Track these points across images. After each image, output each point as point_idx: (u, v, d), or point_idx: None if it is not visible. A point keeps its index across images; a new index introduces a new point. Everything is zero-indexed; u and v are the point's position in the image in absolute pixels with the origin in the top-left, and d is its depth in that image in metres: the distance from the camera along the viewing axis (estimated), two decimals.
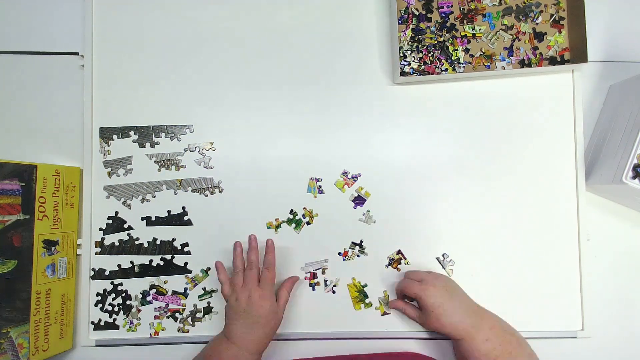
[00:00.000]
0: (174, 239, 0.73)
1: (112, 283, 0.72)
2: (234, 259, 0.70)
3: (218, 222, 0.73)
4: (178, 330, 0.72)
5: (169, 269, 0.73)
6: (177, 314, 0.73)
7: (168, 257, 0.73)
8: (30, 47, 0.76)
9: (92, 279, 0.72)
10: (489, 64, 0.73)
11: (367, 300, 0.73)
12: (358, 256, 0.73)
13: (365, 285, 0.73)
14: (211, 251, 0.73)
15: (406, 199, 0.74)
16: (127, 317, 0.72)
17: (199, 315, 0.73)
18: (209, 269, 0.73)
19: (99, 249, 0.73)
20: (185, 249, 0.73)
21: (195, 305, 0.73)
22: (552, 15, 0.74)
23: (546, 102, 0.75)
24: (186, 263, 0.73)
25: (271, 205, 0.74)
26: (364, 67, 0.75)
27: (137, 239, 0.73)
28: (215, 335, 0.69)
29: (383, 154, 0.75)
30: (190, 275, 0.73)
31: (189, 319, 0.73)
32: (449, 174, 0.74)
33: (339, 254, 0.73)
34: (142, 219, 0.73)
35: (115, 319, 0.72)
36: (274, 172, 0.74)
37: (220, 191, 0.74)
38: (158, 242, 0.73)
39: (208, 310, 0.73)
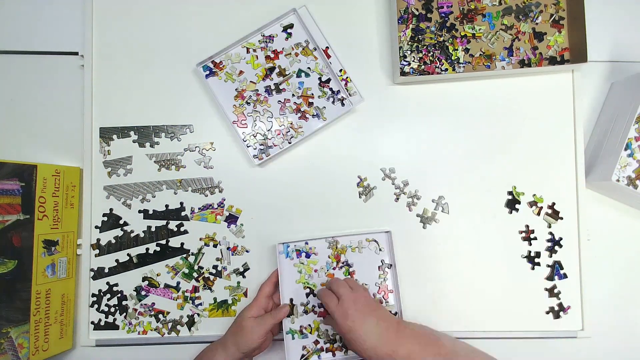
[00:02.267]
0: (168, 222, 0.73)
1: (107, 283, 0.72)
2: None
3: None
4: (154, 330, 0.72)
5: (166, 252, 0.73)
6: (160, 315, 0.73)
7: (163, 242, 0.73)
8: (30, 47, 0.76)
9: (93, 279, 0.72)
10: (489, 63, 0.73)
11: None
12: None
13: None
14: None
15: (405, 198, 0.74)
16: (125, 318, 0.72)
17: (179, 327, 0.73)
18: (191, 253, 0.73)
19: (97, 251, 0.73)
20: (182, 229, 0.73)
21: (181, 317, 0.73)
22: (552, 15, 0.74)
23: (546, 102, 0.75)
24: (182, 244, 0.73)
25: (271, 205, 0.74)
26: (364, 67, 0.75)
27: (132, 231, 0.73)
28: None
29: (383, 153, 0.75)
30: (170, 264, 0.73)
31: (169, 324, 0.72)
32: (448, 173, 0.74)
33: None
34: (140, 211, 0.73)
35: (115, 319, 0.72)
36: (273, 172, 0.74)
37: (220, 191, 0.74)
38: (153, 229, 0.73)
39: (191, 323, 0.73)
